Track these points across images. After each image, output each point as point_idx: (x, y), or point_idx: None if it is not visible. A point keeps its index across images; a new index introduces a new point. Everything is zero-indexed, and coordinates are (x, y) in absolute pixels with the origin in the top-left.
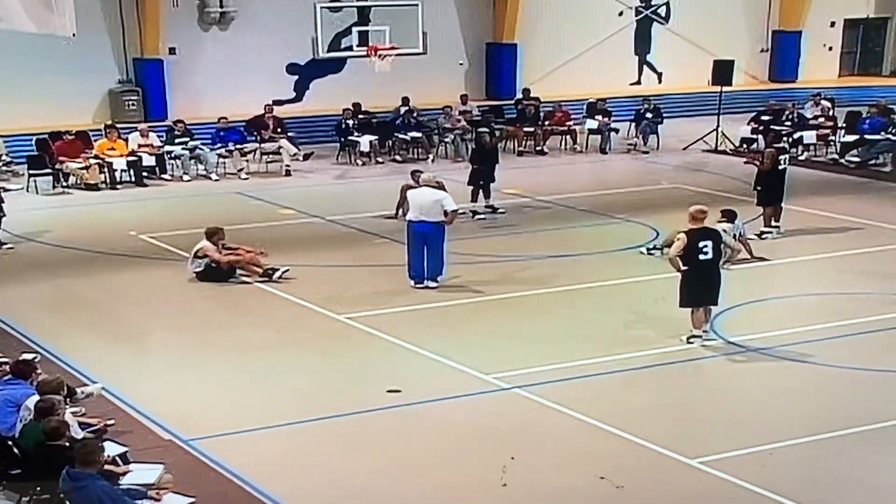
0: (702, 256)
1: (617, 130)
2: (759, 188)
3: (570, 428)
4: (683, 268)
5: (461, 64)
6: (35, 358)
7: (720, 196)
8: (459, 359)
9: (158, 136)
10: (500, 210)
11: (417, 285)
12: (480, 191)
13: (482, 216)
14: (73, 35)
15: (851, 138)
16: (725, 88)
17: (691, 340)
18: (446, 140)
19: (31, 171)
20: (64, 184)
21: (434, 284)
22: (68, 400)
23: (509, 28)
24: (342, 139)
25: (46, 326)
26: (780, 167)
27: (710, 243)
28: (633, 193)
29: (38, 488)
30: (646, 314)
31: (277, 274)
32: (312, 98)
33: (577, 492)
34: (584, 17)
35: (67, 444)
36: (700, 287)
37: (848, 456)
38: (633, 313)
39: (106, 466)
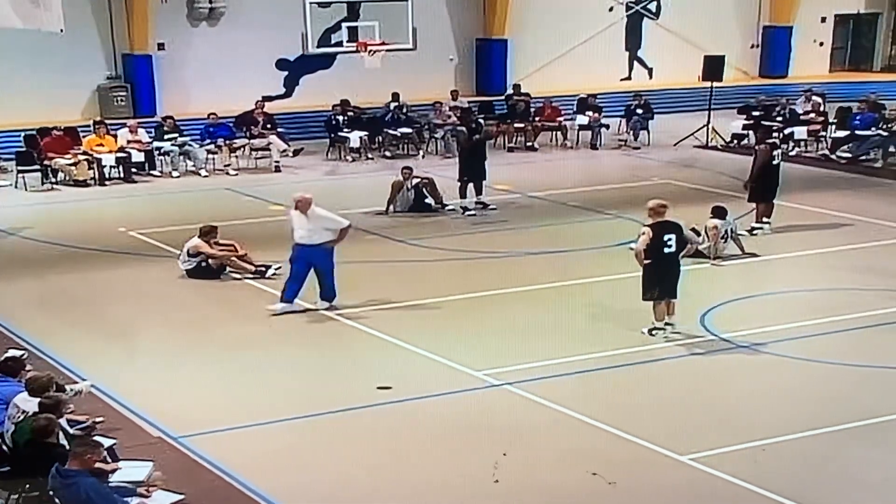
0: (666, 250)
1: (607, 126)
2: (753, 184)
3: (562, 424)
4: (646, 262)
5: (451, 59)
6: (23, 355)
7: (711, 192)
8: (450, 355)
9: (147, 132)
10: (490, 206)
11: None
12: (470, 186)
13: (472, 212)
14: (62, 31)
15: (842, 134)
16: (716, 84)
17: (653, 333)
18: (436, 136)
19: (19, 168)
20: (52, 180)
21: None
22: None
23: (499, 24)
24: (332, 135)
25: (35, 323)
26: (774, 162)
27: (673, 236)
28: (624, 189)
29: (28, 486)
30: (637, 310)
31: (270, 272)
32: (302, 94)
33: (568, 488)
34: (574, 13)
35: (56, 441)
36: (664, 280)
37: (840, 452)
38: (624, 309)
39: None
